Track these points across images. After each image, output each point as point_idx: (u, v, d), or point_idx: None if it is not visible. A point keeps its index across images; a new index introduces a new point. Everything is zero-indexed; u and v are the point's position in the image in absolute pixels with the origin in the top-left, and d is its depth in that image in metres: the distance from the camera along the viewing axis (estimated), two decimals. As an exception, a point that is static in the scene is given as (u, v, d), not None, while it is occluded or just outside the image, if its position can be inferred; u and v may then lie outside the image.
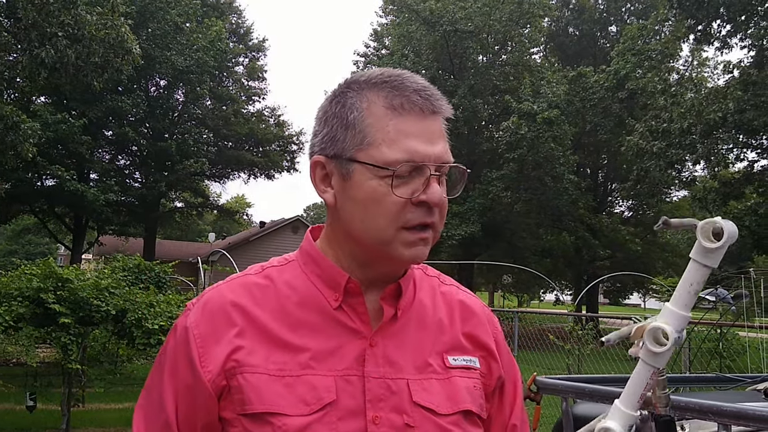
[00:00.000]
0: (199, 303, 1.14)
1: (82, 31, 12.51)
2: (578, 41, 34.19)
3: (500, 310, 18.21)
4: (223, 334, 1.09)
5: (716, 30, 19.88)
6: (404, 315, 1.15)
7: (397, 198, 1.06)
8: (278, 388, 1.05)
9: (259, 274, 1.17)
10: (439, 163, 1.09)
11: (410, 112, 1.09)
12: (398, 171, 1.06)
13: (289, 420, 1.03)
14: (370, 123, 1.09)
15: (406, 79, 1.11)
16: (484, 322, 1.24)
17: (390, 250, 1.08)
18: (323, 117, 1.15)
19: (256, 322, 1.10)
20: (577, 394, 2.56)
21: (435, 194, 1.07)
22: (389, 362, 1.10)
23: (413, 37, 28.60)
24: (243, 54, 33.87)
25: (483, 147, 28.19)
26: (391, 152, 1.06)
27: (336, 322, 1.11)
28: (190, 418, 1.09)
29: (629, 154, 21.09)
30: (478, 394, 1.16)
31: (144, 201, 28.51)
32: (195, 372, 1.08)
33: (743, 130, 17.94)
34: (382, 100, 1.09)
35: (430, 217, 1.08)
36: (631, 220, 31.41)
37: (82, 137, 23.90)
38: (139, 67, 17.89)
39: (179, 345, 1.11)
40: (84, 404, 8.97)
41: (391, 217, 1.06)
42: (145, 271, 10.91)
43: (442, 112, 1.12)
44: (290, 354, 1.08)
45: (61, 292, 7.15)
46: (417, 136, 1.08)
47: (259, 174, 34.11)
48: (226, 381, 1.07)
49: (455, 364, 1.15)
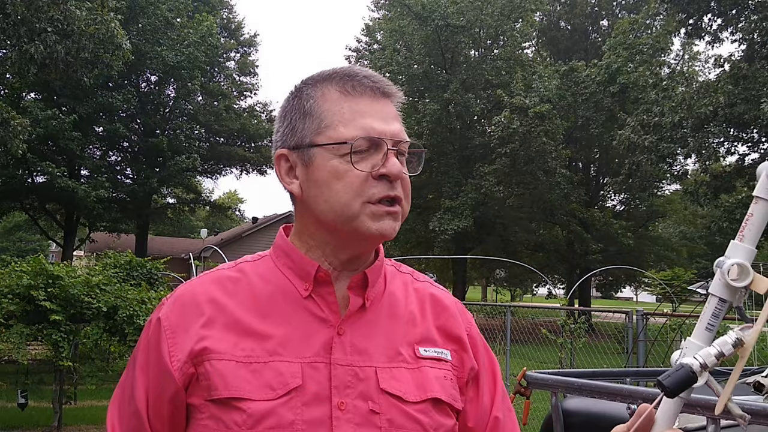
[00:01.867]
0: (171, 297, 1.18)
1: (72, 26, 12.44)
2: (570, 35, 34.22)
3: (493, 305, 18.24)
4: (191, 324, 1.11)
5: (707, 24, 19.95)
6: (374, 306, 1.17)
7: (358, 171, 1.10)
8: (244, 373, 1.07)
9: (232, 269, 1.21)
10: (396, 139, 1.13)
11: (362, 94, 1.15)
12: (356, 146, 1.10)
13: (254, 404, 1.05)
14: (326, 108, 1.14)
15: (356, 69, 1.18)
16: (456, 315, 1.25)
17: (357, 225, 1.10)
18: (282, 114, 1.20)
19: (226, 311, 1.13)
20: (566, 389, 2.57)
21: (395, 166, 1.11)
22: (357, 351, 1.12)
23: (405, 32, 28.56)
24: (234, 49, 33.75)
25: (475, 141, 28.21)
26: (347, 130, 1.11)
27: (305, 310, 1.14)
28: (158, 408, 1.12)
29: (621, 148, 21.14)
30: (450, 384, 1.17)
31: (135, 197, 28.39)
32: (163, 363, 1.10)
33: (734, 123, 18.00)
34: (335, 86, 1.16)
35: (393, 190, 1.11)
36: (623, 214, 31.50)
37: (72, 133, 23.78)
38: (130, 63, 17.83)
39: (151, 337, 1.14)
40: (76, 401, 8.93)
41: (354, 192, 1.10)
42: (137, 268, 10.88)
43: (393, 96, 1.18)
44: (258, 341, 1.10)
45: (52, 290, 7.13)
46: (371, 115, 1.13)
47: (251, 169, 34.03)
48: (194, 368, 1.09)
49: (426, 355, 1.17)
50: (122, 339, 7.64)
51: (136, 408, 1.12)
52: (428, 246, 27.68)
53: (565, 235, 29.82)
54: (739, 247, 0.95)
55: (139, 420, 1.12)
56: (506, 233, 28.72)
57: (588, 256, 28.23)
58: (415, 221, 26.73)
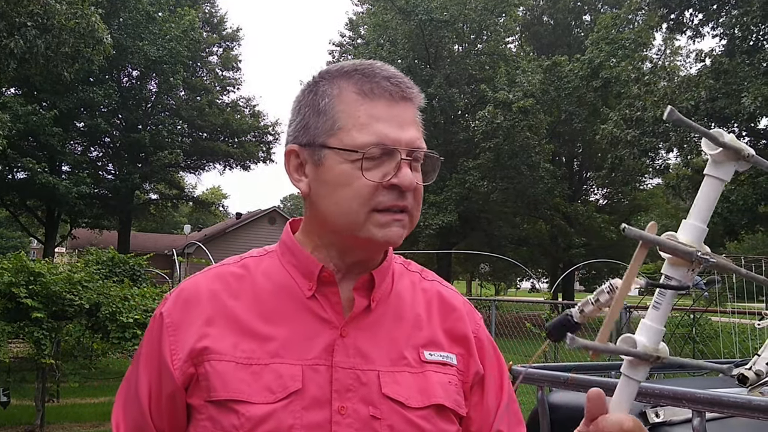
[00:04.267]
0: (175, 292, 1.16)
1: (52, 20, 12.30)
2: (553, 30, 34.34)
3: (478, 299, 18.30)
4: (193, 322, 1.10)
5: (689, 19, 20.09)
6: (379, 307, 1.15)
7: (367, 181, 1.07)
8: (244, 375, 1.05)
9: (237, 264, 1.18)
10: (411, 148, 1.10)
11: (380, 97, 1.10)
12: (368, 154, 1.07)
13: (253, 408, 1.03)
14: (341, 109, 1.10)
15: (377, 67, 1.13)
16: (464, 317, 1.22)
17: (363, 233, 1.08)
18: (297, 107, 1.16)
19: (228, 310, 1.11)
20: (552, 383, 2.57)
21: (406, 178, 1.07)
22: (360, 353, 1.10)
23: (389, 27, 28.53)
24: (217, 44, 33.56)
25: (459, 136, 28.26)
26: (360, 136, 1.08)
27: (308, 311, 1.11)
28: (160, 405, 1.11)
29: (604, 143, 21.25)
30: (454, 390, 1.14)
31: (117, 193, 28.18)
32: (164, 360, 1.09)
33: (715, 118, 18.15)
34: (352, 86, 1.11)
35: (402, 200, 1.09)
36: (606, 208, 31.71)
37: (53, 129, 23.57)
38: (111, 58, 17.67)
39: (153, 333, 1.13)
40: (59, 399, 8.84)
41: (362, 200, 1.07)
42: (120, 264, 10.80)
43: (413, 100, 1.13)
44: (259, 342, 1.08)
45: (33, 287, 7.05)
46: (387, 120, 1.09)
47: (234, 165, 33.88)
48: (194, 368, 1.07)
49: (431, 359, 1.14)
50: (105, 336, 7.58)
51: (140, 404, 1.11)
52: (413, 241, 27.72)
53: (549, 229, 29.97)
54: (685, 225, 0.96)
55: (142, 417, 1.11)
56: (490, 228, 28.83)
57: (571, 249, 28.42)
58: None
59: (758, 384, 2.53)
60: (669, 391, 2.04)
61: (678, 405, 2.07)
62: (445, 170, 27.36)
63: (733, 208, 17.45)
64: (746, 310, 6.26)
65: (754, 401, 1.92)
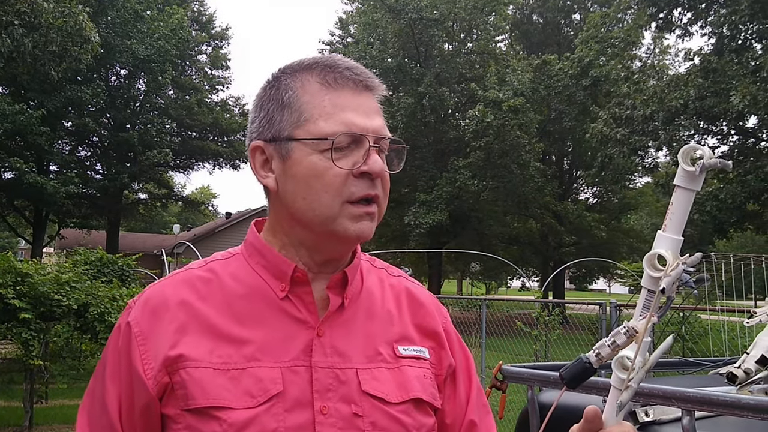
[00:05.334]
0: (140, 300, 1.12)
1: (39, 19, 12.21)
2: (542, 29, 34.41)
3: (468, 298, 18.32)
4: (164, 330, 1.06)
5: (677, 18, 20.18)
6: (352, 305, 1.15)
7: (338, 170, 1.06)
8: (223, 381, 1.03)
9: (202, 268, 1.15)
10: (377, 135, 1.09)
11: (344, 86, 1.10)
12: (337, 142, 1.06)
13: (235, 413, 1.01)
14: (306, 100, 1.09)
15: (338, 59, 1.13)
16: (433, 312, 1.23)
17: (336, 227, 1.07)
18: (258, 103, 1.15)
19: (200, 316, 1.08)
20: (542, 383, 2.57)
21: (377, 164, 1.07)
22: (337, 352, 1.09)
23: (379, 25, 28.49)
24: (206, 42, 33.40)
25: (450, 135, 28.28)
26: (328, 125, 1.07)
27: (283, 312, 1.10)
28: (132, 418, 1.06)
29: (593, 141, 21.33)
30: (429, 383, 1.15)
31: (106, 193, 28.02)
32: (135, 371, 1.05)
33: (704, 116, 18.26)
34: (315, 78, 1.11)
35: (373, 189, 1.08)
36: (596, 207, 31.85)
37: (40, 128, 23.37)
38: (99, 56, 17.57)
39: (121, 344, 1.09)
40: (47, 401, 8.79)
41: (334, 191, 1.06)
42: (108, 264, 10.75)
43: (375, 89, 1.13)
44: (235, 347, 1.06)
45: (21, 287, 7.01)
46: (353, 109, 1.09)
47: (224, 164, 33.74)
48: (169, 377, 1.04)
49: (405, 353, 1.15)
50: (93, 337, 7.54)
51: (109, 419, 1.07)
52: (403, 240, 27.74)
53: (539, 227, 30.04)
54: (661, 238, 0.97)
55: (112, 430, 1.07)
56: (481, 226, 28.87)
57: (562, 248, 28.52)
58: (390, 215, 26.73)
59: (747, 382, 2.53)
60: (659, 390, 2.04)
61: (668, 404, 2.06)
62: (436, 169, 27.38)
63: (722, 206, 17.54)
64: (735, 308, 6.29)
65: (744, 400, 1.92)
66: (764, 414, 1.82)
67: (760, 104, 15.57)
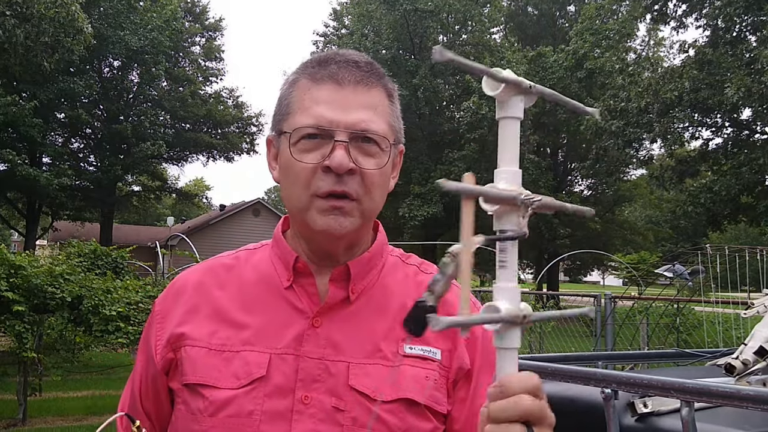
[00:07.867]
0: (170, 284, 1.23)
1: (31, 10, 12.14)
2: (537, 21, 34.37)
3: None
4: (177, 310, 1.16)
5: (672, 10, 20.18)
6: (360, 299, 1.13)
7: (303, 164, 1.08)
8: (216, 361, 1.08)
9: (230, 256, 1.24)
10: (352, 130, 1.07)
11: (327, 82, 1.10)
12: (297, 134, 1.08)
13: (217, 392, 1.06)
14: (294, 95, 1.12)
15: (339, 54, 1.14)
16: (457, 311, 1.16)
17: (307, 219, 1.09)
18: (277, 99, 1.19)
19: (212, 299, 1.15)
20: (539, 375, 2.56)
21: (335, 159, 1.05)
22: (332, 344, 1.09)
23: (373, 17, 28.42)
24: (199, 33, 33.29)
25: (444, 127, 28.27)
26: (301, 119, 1.09)
27: (285, 301, 1.13)
28: (147, 389, 1.19)
29: (588, 134, 21.37)
30: (432, 385, 1.09)
31: (99, 185, 27.93)
32: (150, 346, 1.17)
33: (698, 108, 18.28)
34: (307, 74, 1.13)
35: (340, 185, 1.06)
36: (591, 199, 31.88)
37: (33, 120, 23.26)
38: (92, 48, 17.46)
39: (148, 322, 1.22)
40: (41, 393, 8.76)
41: (301, 184, 1.08)
42: (102, 257, 10.72)
43: (368, 84, 1.12)
44: (235, 330, 1.11)
45: (14, 280, 7.00)
46: (329, 103, 1.08)
47: (218, 156, 33.69)
48: (173, 353, 1.13)
49: (410, 353, 1.10)
50: (87, 329, 7.52)
51: (133, 387, 1.21)
52: (398, 232, 27.73)
53: (534, 220, 30.06)
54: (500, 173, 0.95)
55: (133, 399, 1.20)
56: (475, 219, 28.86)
57: (556, 240, 28.56)
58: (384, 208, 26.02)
59: (745, 373, 2.53)
60: (657, 381, 2.03)
61: (666, 395, 2.06)
62: (431, 161, 27.37)
63: (715, 198, 17.60)
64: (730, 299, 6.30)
65: (743, 391, 1.92)
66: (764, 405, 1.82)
67: (754, 96, 15.59)
